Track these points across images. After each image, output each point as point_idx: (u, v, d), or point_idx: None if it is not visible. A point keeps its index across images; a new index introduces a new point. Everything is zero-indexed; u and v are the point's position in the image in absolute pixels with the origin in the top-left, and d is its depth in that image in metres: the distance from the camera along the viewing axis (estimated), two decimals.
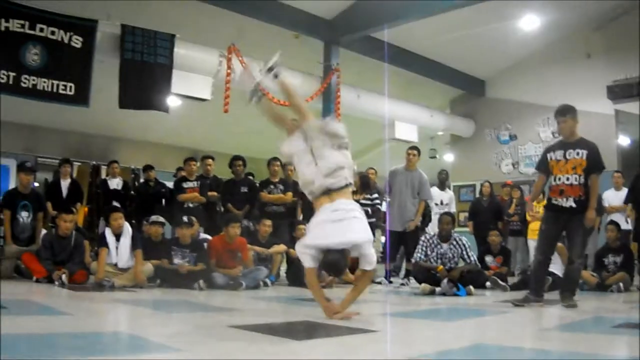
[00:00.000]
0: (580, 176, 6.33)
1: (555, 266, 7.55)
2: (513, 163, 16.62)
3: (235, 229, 8.22)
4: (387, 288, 8.95)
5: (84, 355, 3.12)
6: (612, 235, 9.32)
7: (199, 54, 11.25)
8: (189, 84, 11.00)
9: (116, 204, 10.44)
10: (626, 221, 9.93)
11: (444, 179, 12.62)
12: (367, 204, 9.80)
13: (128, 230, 8.05)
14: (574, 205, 6.33)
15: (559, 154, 6.48)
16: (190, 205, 9.74)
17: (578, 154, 6.37)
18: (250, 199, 10.01)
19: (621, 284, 8.61)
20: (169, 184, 11.02)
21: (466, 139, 17.65)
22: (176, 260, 8.00)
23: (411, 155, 9.65)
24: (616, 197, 11.04)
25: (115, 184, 11.36)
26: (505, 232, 11.73)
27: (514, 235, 12.06)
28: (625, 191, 10.44)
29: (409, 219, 9.35)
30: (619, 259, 9.09)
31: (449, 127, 17.19)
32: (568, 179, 6.36)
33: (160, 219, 8.67)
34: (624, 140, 15.30)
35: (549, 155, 6.59)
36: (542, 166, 6.74)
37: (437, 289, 7.68)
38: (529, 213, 10.47)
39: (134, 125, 15.45)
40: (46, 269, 7.67)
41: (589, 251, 9.04)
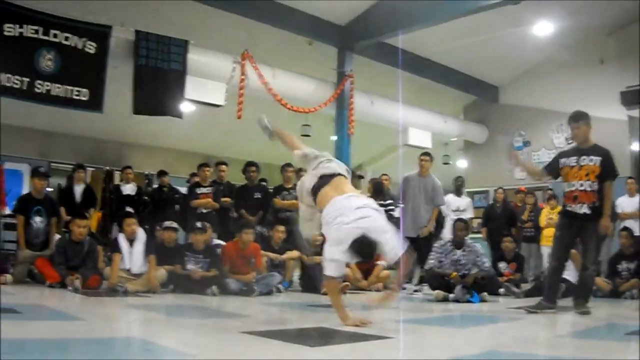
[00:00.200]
0: (593, 182, 6.31)
1: (568, 273, 7.51)
2: None
3: (248, 235, 8.23)
4: (400, 294, 8.92)
5: None
6: (626, 242, 9.27)
7: (213, 60, 11.27)
8: (202, 90, 11.02)
9: (129, 209, 10.52)
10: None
11: (460, 185, 12.56)
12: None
13: (141, 235, 8.08)
14: (588, 212, 6.31)
15: (572, 160, 6.46)
16: (204, 211, 9.75)
17: (591, 160, 6.35)
18: (263, 205, 10.03)
19: (635, 290, 8.57)
20: (182, 190, 11.07)
21: (479, 145, 17.61)
22: (189, 266, 8.00)
23: (423, 161, 9.64)
24: (630, 203, 10.97)
25: (129, 189, 11.45)
26: (519, 238, 11.65)
27: (527, 241, 12.00)
28: (638, 197, 10.38)
29: (422, 225, 9.34)
30: (632, 266, 9.03)
31: (462, 133, 17.12)
32: (582, 185, 6.34)
33: (174, 224, 8.69)
34: (637, 147, 15.19)
35: (562, 161, 6.56)
36: (550, 167, 6.75)
37: (451, 295, 7.67)
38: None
39: (148, 130, 15.49)
40: (59, 274, 7.70)
41: (602, 258, 8.98)
